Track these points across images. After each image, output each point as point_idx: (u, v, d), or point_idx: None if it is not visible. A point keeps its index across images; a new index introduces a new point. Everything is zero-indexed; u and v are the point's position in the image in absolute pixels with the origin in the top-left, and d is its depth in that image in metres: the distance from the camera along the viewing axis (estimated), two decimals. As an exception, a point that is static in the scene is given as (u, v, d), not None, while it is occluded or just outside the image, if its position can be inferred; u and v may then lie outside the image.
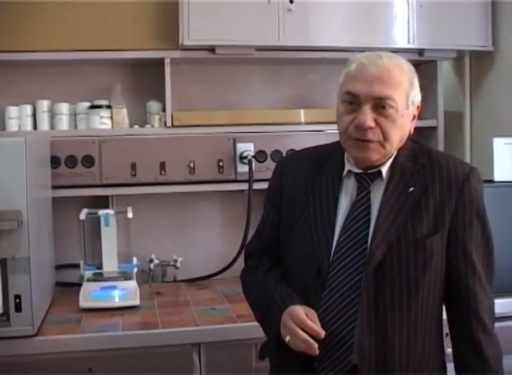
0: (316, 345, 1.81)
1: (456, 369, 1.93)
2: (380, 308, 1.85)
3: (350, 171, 1.97)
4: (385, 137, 1.86)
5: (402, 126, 1.88)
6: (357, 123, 1.86)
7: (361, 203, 1.94)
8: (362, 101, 1.86)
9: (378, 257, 1.84)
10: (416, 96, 1.90)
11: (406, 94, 1.86)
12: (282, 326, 1.90)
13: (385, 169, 1.93)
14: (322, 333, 1.82)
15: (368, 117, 1.85)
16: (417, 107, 1.93)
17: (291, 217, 2.04)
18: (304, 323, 1.83)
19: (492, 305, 1.93)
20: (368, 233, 1.89)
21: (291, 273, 2.02)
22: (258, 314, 2.08)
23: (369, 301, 1.84)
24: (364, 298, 1.84)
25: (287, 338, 1.86)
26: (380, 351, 1.84)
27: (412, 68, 1.92)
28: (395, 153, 1.95)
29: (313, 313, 1.87)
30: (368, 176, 1.95)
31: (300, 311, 1.86)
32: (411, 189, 1.90)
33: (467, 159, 3.75)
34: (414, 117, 1.93)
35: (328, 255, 1.91)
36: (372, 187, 1.94)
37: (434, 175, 1.92)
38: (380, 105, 1.84)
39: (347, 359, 1.85)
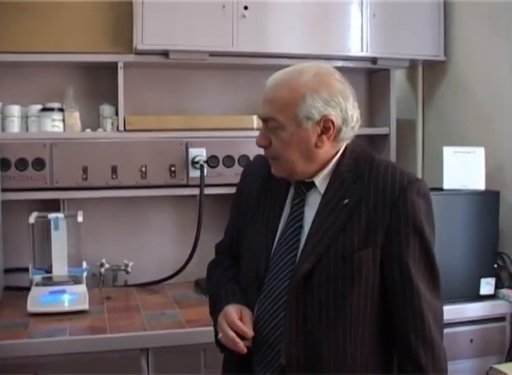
0: (241, 344, 1.85)
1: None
2: (308, 316, 1.85)
3: None
4: (278, 155, 1.90)
5: (296, 143, 1.86)
6: (255, 141, 1.94)
7: (295, 210, 1.96)
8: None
9: (306, 268, 1.85)
10: (313, 111, 1.82)
11: (293, 112, 1.83)
12: (217, 324, 1.96)
13: (318, 180, 1.93)
14: (249, 332, 1.86)
15: (259, 137, 1.93)
16: (326, 120, 1.84)
17: (245, 222, 2.07)
18: (232, 322, 1.87)
19: (438, 317, 1.89)
20: (299, 240, 1.91)
21: (241, 274, 2.05)
22: (210, 309, 2.11)
23: (296, 309, 1.86)
24: (292, 305, 1.86)
25: (219, 335, 1.93)
26: (308, 358, 1.85)
27: (318, 80, 1.84)
28: (332, 162, 1.93)
29: (247, 313, 1.91)
30: (303, 185, 1.96)
31: (232, 311, 1.91)
32: (346, 201, 1.87)
33: (419, 167, 3.80)
34: (325, 130, 1.85)
35: (266, 260, 1.94)
36: (308, 197, 1.95)
37: (370, 186, 1.88)
38: (267, 126, 1.89)
39: (278, 362, 1.88)
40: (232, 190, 3.22)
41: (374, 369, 1.91)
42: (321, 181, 1.93)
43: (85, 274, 3.16)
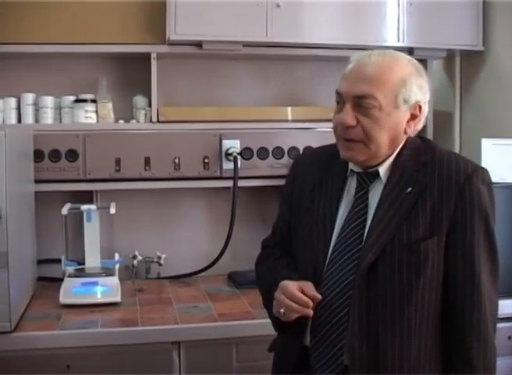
0: (308, 309, 1.82)
1: (443, 370, 1.88)
2: (372, 311, 1.82)
3: (352, 170, 1.96)
4: (368, 136, 1.83)
5: (389, 125, 1.84)
6: (338, 121, 1.86)
7: (358, 203, 1.92)
8: (345, 99, 1.85)
9: (370, 259, 1.81)
10: (411, 95, 1.82)
11: (394, 93, 1.81)
12: (274, 302, 1.91)
13: (383, 169, 1.90)
14: (310, 302, 1.82)
15: (347, 115, 1.83)
16: (418, 107, 1.85)
17: (298, 214, 2.03)
18: (291, 294, 1.84)
19: (494, 309, 1.87)
20: (363, 234, 1.87)
21: (297, 269, 2.01)
22: (264, 299, 2.07)
23: (361, 304, 1.82)
24: (356, 299, 1.82)
25: (281, 310, 1.86)
26: (372, 353, 1.82)
27: (412, 67, 1.86)
28: (396, 152, 1.90)
29: (308, 284, 1.87)
30: (366, 175, 1.92)
31: (289, 284, 1.87)
32: (409, 189, 1.84)
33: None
34: (413, 117, 1.86)
35: (325, 254, 1.91)
36: (371, 187, 1.92)
37: (434, 174, 1.85)
38: (360, 104, 1.82)
39: (340, 360, 1.85)
40: (266, 182, 3.33)
41: (436, 367, 1.87)
42: (384, 171, 1.90)
43: (117, 266, 3.16)
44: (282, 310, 1.86)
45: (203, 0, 3.11)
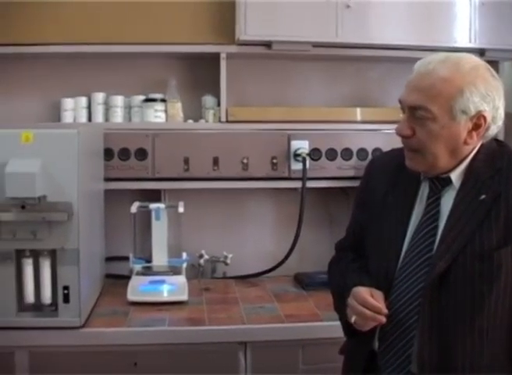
0: (381, 316, 1.79)
1: None
2: (442, 320, 1.78)
3: (425, 175, 1.92)
4: (423, 147, 1.81)
5: (446, 137, 1.78)
6: (395, 130, 1.85)
7: (430, 209, 1.88)
8: (404, 108, 1.83)
9: (441, 267, 1.77)
10: (470, 106, 1.75)
11: (449, 104, 1.75)
12: (347, 309, 1.89)
13: (455, 175, 1.85)
14: (383, 310, 1.80)
15: (402, 126, 1.83)
16: (480, 116, 1.77)
17: (371, 218, 2.01)
18: (364, 300, 1.81)
19: None
20: (434, 241, 1.83)
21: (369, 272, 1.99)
22: (335, 303, 2.06)
23: (430, 312, 1.78)
24: (425, 308, 1.79)
25: (353, 318, 1.85)
26: (442, 363, 1.77)
27: (476, 73, 1.77)
28: (470, 157, 1.84)
29: (378, 293, 1.84)
30: (439, 181, 1.88)
31: (362, 290, 1.85)
32: (482, 197, 1.78)
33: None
34: (476, 127, 1.78)
35: (396, 259, 1.88)
36: (444, 193, 1.87)
37: (508, 180, 1.79)
38: (415, 115, 1.80)
39: (408, 368, 1.81)
40: (334, 183, 3.31)
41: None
42: (457, 177, 1.85)
43: (185, 265, 3.17)
44: (354, 318, 1.84)
45: (273, 0, 3.10)
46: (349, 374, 2.04)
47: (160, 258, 3.19)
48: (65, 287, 2.55)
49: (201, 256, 3.33)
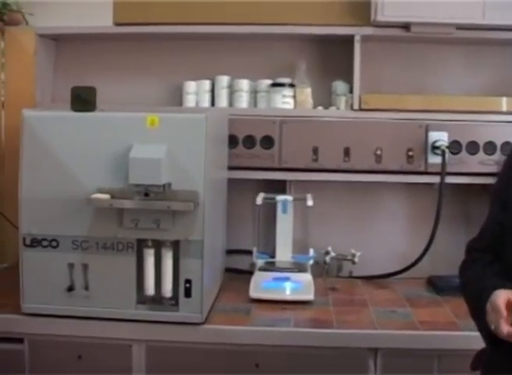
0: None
1: None
2: None
3: None
4: None
5: None
6: None
7: None
8: None
9: None
10: None
11: None
12: (487, 315, 1.73)
13: None
14: None
15: None
16: None
17: None
18: (498, 307, 1.65)
19: None
20: None
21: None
22: (471, 308, 1.90)
23: None
24: None
25: (493, 326, 1.68)
26: None
27: None
28: None
29: None
30: None
31: (499, 295, 1.67)
32: None
33: None
34: None
35: None
36: None
37: None
38: None
39: None
40: (475, 180, 3.06)
41: None
42: None
43: (311, 262, 3.04)
44: (493, 326, 1.67)
45: (413, -22, 2.92)
46: None
47: (284, 254, 3.07)
48: (188, 281, 2.47)
49: (327, 253, 3.16)
